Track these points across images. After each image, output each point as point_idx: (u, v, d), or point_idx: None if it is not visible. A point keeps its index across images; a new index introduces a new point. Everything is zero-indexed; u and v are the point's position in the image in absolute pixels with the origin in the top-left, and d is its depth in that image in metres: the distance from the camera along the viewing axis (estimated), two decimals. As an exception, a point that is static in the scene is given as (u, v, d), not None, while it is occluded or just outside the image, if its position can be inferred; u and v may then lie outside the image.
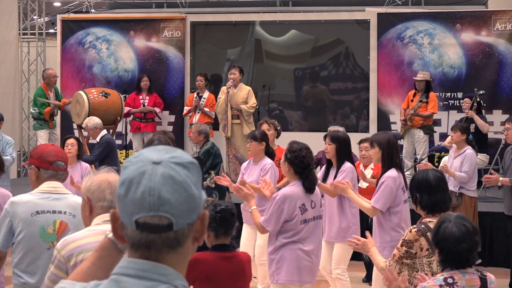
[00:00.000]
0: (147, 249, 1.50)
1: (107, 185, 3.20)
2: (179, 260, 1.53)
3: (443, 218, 3.47)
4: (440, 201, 4.16)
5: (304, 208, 5.12)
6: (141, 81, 11.82)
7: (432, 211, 4.16)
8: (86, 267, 1.96)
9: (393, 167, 5.63)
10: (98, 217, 3.18)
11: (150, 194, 1.47)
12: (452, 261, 3.38)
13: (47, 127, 11.33)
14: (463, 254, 3.35)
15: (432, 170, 4.35)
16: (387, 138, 5.70)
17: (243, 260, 4.16)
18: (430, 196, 4.15)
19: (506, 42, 11.29)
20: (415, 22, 11.64)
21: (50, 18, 14.75)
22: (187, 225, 1.51)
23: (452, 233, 3.35)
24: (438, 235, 3.41)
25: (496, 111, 11.23)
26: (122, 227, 1.54)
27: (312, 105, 12.23)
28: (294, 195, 5.11)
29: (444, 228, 3.39)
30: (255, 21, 12.39)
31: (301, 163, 5.13)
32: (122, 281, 1.50)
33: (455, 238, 3.34)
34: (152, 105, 11.79)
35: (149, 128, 11.81)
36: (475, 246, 3.39)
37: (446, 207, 4.20)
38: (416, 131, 10.55)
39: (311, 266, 5.23)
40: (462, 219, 3.44)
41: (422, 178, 4.22)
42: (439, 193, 4.16)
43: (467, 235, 3.35)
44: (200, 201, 1.54)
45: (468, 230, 3.37)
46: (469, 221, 3.45)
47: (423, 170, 4.36)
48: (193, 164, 1.53)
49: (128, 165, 1.52)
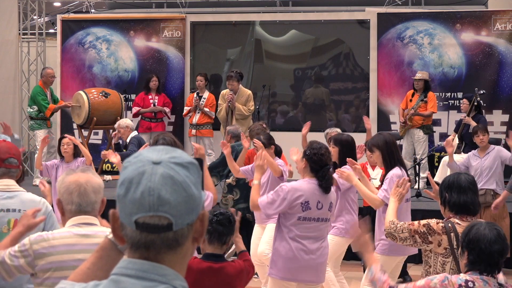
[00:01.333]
0: (147, 249, 1.50)
1: (75, 187, 3.19)
2: (178, 260, 1.53)
3: (474, 222, 3.50)
4: (469, 202, 4.10)
5: (307, 206, 5.09)
6: (150, 81, 11.81)
7: (460, 212, 4.11)
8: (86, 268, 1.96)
9: (396, 165, 5.64)
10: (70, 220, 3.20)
11: (150, 194, 1.47)
12: (482, 262, 3.36)
13: (45, 126, 11.32)
14: (494, 255, 3.35)
15: (464, 173, 4.31)
16: (383, 139, 5.72)
17: (230, 273, 4.01)
18: (459, 196, 4.11)
19: (506, 42, 11.29)
20: (415, 22, 11.64)
21: (50, 18, 14.74)
22: (187, 225, 1.51)
23: (485, 234, 3.36)
24: (469, 236, 3.40)
25: (496, 111, 11.23)
26: (121, 228, 1.54)
27: (312, 105, 12.23)
28: (301, 189, 5.09)
29: (477, 230, 3.40)
30: (255, 21, 12.39)
31: (319, 161, 5.12)
32: (121, 281, 1.50)
33: (488, 239, 3.35)
34: (161, 105, 11.80)
35: (159, 128, 11.81)
36: (506, 250, 3.39)
37: (474, 210, 4.15)
38: (416, 131, 10.55)
39: (313, 266, 5.19)
40: (493, 224, 3.47)
41: (454, 179, 4.19)
42: (469, 194, 4.11)
43: (499, 238, 3.37)
44: (200, 202, 1.54)
45: (499, 233, 3.40)
46: (499, 227, 3.48)
47: (455, 173, 4.33)
48: (192, 164, 1.53)
49: (127, 165, 1.52)
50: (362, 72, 11.99)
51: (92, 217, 3.23)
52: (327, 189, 5.15)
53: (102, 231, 3.20)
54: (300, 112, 12.29)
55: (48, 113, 11.20)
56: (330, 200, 5.23)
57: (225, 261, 4.06)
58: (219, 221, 3.97)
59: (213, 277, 3.95)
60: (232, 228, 4.05)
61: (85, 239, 3.17)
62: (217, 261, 3.99)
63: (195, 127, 11.29)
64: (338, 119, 12.04)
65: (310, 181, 5.14)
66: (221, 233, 3.97)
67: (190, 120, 11.44)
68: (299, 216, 5.11)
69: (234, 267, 4.07)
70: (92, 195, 3.21)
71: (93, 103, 10.92)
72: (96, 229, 3.21)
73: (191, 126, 11.42)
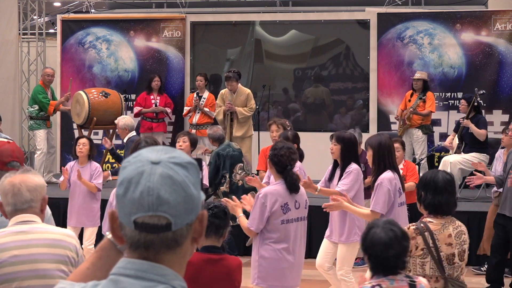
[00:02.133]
0: (146, 249, 1.50)
1: (9, 188, 3.27)
2: (177, 260, 1.53)
3: (371, 224, 3.43)
4: (444, 203, 4.11)
5: (287, 208, 5.07)
6: (152, 81, 11.80)
7: (434, 212, 4.12)
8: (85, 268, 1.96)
9: (387, 168, 5.60)
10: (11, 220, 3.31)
11: (149, 194, 1.47)
12: (381, 267, 3.33)
13: (45, 126, 11.32)
14: (390, 260, 3.30)
15: (442, 171, 4.29)
16: (378, 140, 5.68)
17: (231, 265, 4.03)
18: (434, 196, 4.10)
19: (506, 42, 11.29)
20: (415, 22, 11.64)
21: (50, 18, 14.74)
22: (186, 225, 1.51)
23: (380, 238, 3.31)
24: (366, 241, 3.36)
25: (496, 111, 11.23)
26: (120, 227, 1.54)
27: (312, 105, 12.23)
28: (276, 193, 5.07)
29: (372, 234, 3.34)
30: (255, 21, 12.39)
31: (279, 162, 5.10)
32: (120, 281, 1.50)
33: (383, 243, 3.29)
34: (163, 105, 11.79)
35: (160, 128, 11.81)
36: (403, 252, 3.34)
37: (449, 210, 4.15)
38: (415, 131, 10.55)
39: (294, 268, 5.17)
40: (391, 224, 3.40)
41: (430, 178, 4.17)
42: (444, 195, 4.11)
43: (395, 241, 3.30)
44: (199, 202, 1.54)
45: (396, 235, 3.33)
46: (398, 226, 3.41)
47: (433, 170, 4.32)
48: (192, 164, 1.53)
49: (126, 165, 1.52)
50: (362, 72, 11.99)
51: (31, 215, 3.31)
52: (292, 189, 5.11)
53: (39, 227, 3.30)
54: (300, 112, 12.28)
55: (51, 109, 11.19)
56: (305, 197, 5.23)
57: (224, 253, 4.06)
58: (214, 214, 3.95)
59: (213, 267, 3.94)
60: (228, 220, 4.05)
61: (21, 236, 3.26)
62: (217, 253, 4.00)
63: (195, 127, 11.28)
64: (338, 119, 12.04)
65: (282, 182, 5.12)
66: (217, 226, 3.96)
67: (190, 120, 11.44)
68: (282, 220, 5.08)
69: (234, 260, 4.09)
70: (26, 194, 3.29)
71: (93, 103, 10.92)
72: (34, 226, 3.30)
73: (191, 126, 11.42)
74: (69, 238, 3.42)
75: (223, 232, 4.01)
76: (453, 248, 4.09)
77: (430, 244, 4.03)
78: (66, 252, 3.36)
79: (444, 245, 4.08)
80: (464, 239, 4.17)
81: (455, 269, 4.11)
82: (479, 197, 9.77)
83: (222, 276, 3.97)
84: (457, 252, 4.11)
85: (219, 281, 3.95)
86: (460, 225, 4.20)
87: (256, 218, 5.07)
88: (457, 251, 4.11)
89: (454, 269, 4.11)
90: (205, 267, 3.91)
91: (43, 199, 3.37)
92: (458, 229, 4.15)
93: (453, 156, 9.75)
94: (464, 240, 4.16)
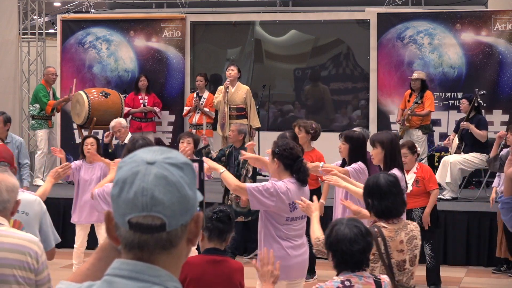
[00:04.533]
0: (140, 249, 1.50)
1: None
2: (172, 261, 1.53)
3: (334, 222, 3.47)
4: (391, 206, 4.06)
5: (294, 206, 5.01)
6: (139, 81, 11.82)
7: (384, 216, 4.08)
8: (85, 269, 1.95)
9: (396, 167, 5.60)
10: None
11: (143, 194, 1.46)
12: (346, 263, 3.36)
13: (46, 126, 11.32)
14: (355, 255, 3.34)
15: (383, 174, 4.26)
16: (389, 138, 5.65)
17: (233, 267, 4.02)
18: (380, 201, 4.06)
19: (506, 42, 11.28)
20: (415, 22, 11.63)
21: (50, 18, 14.74)
22: (181, 226, 1.50)
23: (345, 234, 3.34)
24: (330, 238, 3.39)
25: (496, 111, 11.22)
26: (116, 228, 1.54)
27: (313, 105, 12.23)
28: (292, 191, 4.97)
29: (337, 230, 3.37)
30: (255, 21, 12.39)
31: (291, 155, 5.00)
32: (115, 282, 1.50)
33: (348, 239, 3.32)
34: (151, 104, 11.80)
35: (149, 128, 11.84)
36: (368, 247, 3.38)
37: (398, 212, 4.11)
38: (415, 131, 10.56)
39: (300, 262, 5.17)
40: (355, 221, 3.44)
41: (373, 183, 4.12)
42: (390, 198, 4.06)
43: (359, 236, 3.34)
44: (195, 202, 1.53)
45: (360, 231, 3.36)
46: (361, 223, 3.44)
47: (374, 175, 4.27)
48: (187, 165, 1.53)
49: (122, 166, 1.52)
50: (362, 72, 11.98)
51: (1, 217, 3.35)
52: (304, 181, 5.05)
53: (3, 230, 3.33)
54: (300, 112, 12.28)
55: (49, 109, 11.19)
56: (307, 195, 5.15)
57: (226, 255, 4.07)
58: (219, 218, 3.95)
59: (215, 268, 3.95)
60: (232, 225, 4.04)
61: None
62: (220, 255, 4.00)
63: (195, 127, 11.28)
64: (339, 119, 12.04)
65: (291, 180, 5.03)
66: (221, 230, 3.96)
67: (190, 120, 11.44)
68: (286, 217, 5.04)
69: (236, 263, 4.10)
70: (5, 193, 3.32)
71: (93, 103, 10.92)
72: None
73: (191, 126, 11.42)
74: (30, 244, 3.41)
75: (226, 237, 4.01)
76: (405, 254, 4.05)
77: (382, 250, 4.00)
78: (25, 257, 3.35)
79: (396, 251, 4.04)
80: (416, 244, 4.11)
81: (405, 274, 4.08)
82: (479, 197, 9.76)
83: (224, 278, 3.97)
84: (408, 258, 4.07)
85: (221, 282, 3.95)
86: (412, 229, 4.14)
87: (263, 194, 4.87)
88: (408, 257, 4.07)
89: (404, 274, 4.07)
90: (208, 268, 3.92)
91: (16, 202, 3.37)
92: (410, 234, 4.10)
93: (453, 156, 9.75)
94: (416, 245, 4.11)
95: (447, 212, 8.81)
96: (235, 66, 10.55)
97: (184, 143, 7.53)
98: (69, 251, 7.97)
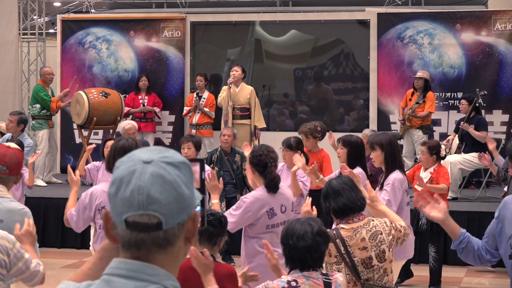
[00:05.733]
0: (137, 248, 1.51)
1: None
2: (170, 260, 1.53)
3: (294, 219, 3.52)
4: (347, 202, 4.04)
5: (272, 213, 4.95)
6: (139, 81, 11.83)
7: (345, 214, 4.06)
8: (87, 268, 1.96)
9: (397, 168, 5.59)
10: None
11: (139, 193, 1.47)
12: (292, 259, 3.38)
13: (47, 126, 11.31)
14: (301, 252, 3.34)
15: (336, 178, 4.25)
16: (388, 139, 5.65)
17: (220, 274, 3.86)
18: (336, 200, 4.04)
19: (506, 42, 11.28)
20: (415, 22, 11.63)
21: (50, 18, 14.75)
22: (177, 224, 1.51)
23: (294, 230, 3.38)
24: (284, 231, 3.45)
25: (496, 111, 11.22)
26: (113, 227, 1.55)
27: (314, 105, 12.23)
28: (261, 198, 4.94)
29: (290, 225, 3.44)
30: (255, 21, 12.39)
31: (259, 162, 4.97)
32: (113, 281, 1.50)
33: (296, 235, 3.35)
34: (151, 104, 11.81)
35: (149, 128, 11.83)
36: (316, 247, 3.36)
37: (356, 207, 4.07)
38: (415, 131, 10.57)
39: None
40: (312, 220, 3.46)
41: (327, 187, 4.13)
42: (344, 194, 4.04)
43: (309, 234, 3.34)
44: (191, 201, 1.54)
45: (312, 229, 3.37)
46: (319, 223, 3.44)
47: (326, 182, 4.25)
48: (184, 164, 1.53)
49: (119, 165, 1.53)
50: (362, 72, 11.98)
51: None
52: (274, 188, 4.98)
53: None
54: (302, 112, 12.28)
55: (53, 106, 11.15)
56: (291, 200, 5.10)
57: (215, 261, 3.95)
58: (209, 222, 3.89)
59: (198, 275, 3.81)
60: (224, 229, 4.00)
61: None
62: None
63: (195, 127, 11.28)
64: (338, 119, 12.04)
65: (261, 188, 5.00)
66: (211, 233, 3.91)
67: (190, 120, 11.44)
68: (267, 225, 4.96)
69: (225, 268, 3.99)
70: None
71: (93, 103, 10.91)
72: None
73: (191, 126, 11.42)
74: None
75: (217, 241, 3.96)
76: (369, 251, 4.01)
77: (342, 250, 3.98)
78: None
79: (358, 250, 4.01)
80: (381, 239, 4.05)
81: (375, 271, 4.04)
82: (479, 197, 9.76)
83: None
84: (375, 255, 4.03)
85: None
86: (375, 225, 4.09)
87: (236, 221, 4.87)
88: (374, 254, 4.02)
89: (374, 271, 4.03)
90: (191, 274, 3.79)
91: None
92: (372, 231, 4.05)
93: (453, 156, 9.76)
94: (381, 240, 4.05)
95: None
96: (239, 67, 10.55)
97: (184, 149, 7.46)
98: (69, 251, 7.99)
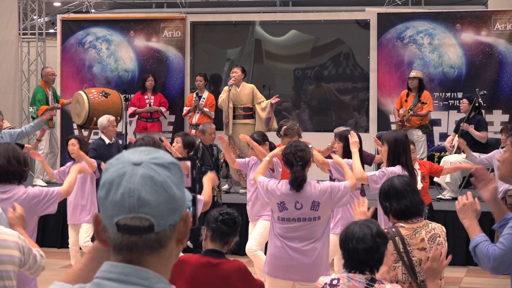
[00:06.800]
0: (129, 251, 1.49)
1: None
2: (162, 262, 1.52)
3: (352, 222, 3.53)
4: (409, 206, 4.06)
5: (283, 207, 5.08)
6: (146, 80, 11.80)
7: (404, 217, 4.07)
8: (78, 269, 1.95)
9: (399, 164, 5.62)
10: None
11: (130, 195, 1.46)
12: (352, 260, 3.39)
13: (47, 127, 11.28)
14: (361, 254, 3.35)
15: (397, 176, 4.27)
16: (394, 137, 5.75)
17: (229, 269, 3.97)
18: (398, 202, 4.06)
19: (506, 42, 11.27)
20: (415, 22, 11.62)
21: (50, 18, 14.75)
22: (169, 226, 1.50)
23: (354, 233, 3.39)
24: (342, 234, 3.45)
25: (496, 111, 11.21)
26: (104, 230, 1.53)
27: (315, 105, 12.22)
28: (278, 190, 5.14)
29: (348, 228, 3.45)
30: (255, 21, 12.38)
31: (287, 161, 5.13)
32: (104, 285, 1.49)
33: (356, 237, 3.37)
34: (157, 104, 11.80)
35: (155, 128, 11.81)
36: (376, 248, 3.38)
37: (417, 211, 4.10)
38: (414, 131, 10.57)
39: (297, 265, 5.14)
40: (370, 222, 3.48)
41: (388, 186, 4.14)
42: (407, 197, 4.06)
43: (368, 236, 3.36)
44: (183, 202, 1.52)
45: (370, 231, 3.39)
46: (376, 225, 3.46)
47: (389, 179, 4.26)
48: (174, 164, 1.52)
49: (109, 167, 1.51)
50: (362, 72, 11.97)
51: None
52: (297, 186, 5.09)
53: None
54: (301, 112, 12.27)
55: (39, 113, 11.07)
56: (312, 199, 5.12)
57: (224, 257, 4.02)
58: (224, 221, 3.95)
59: (208, 272, 3.91)
60: (237, 229, 4.03)
61: None
62: (217, 257, 3.97)
63: (194, 127, 11.27)
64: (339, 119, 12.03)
65: (286, 181, 5.15)
66: (224, 232, 3.95)
67: (189, 120, 11.43)
68: (278, 216, 5.15)
69: (233, 264, 4.03)
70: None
71: (93, 103, 10.91)
72: None
73: (190, 126, 11.41)
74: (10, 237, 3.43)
75: (229, 240, 4.00)
76: (427, 252, 4.02)
77: (401, 249, 3.99)
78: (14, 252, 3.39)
79: (417, 250, 4.02)
80: (439, 242, 4.09)
81: None
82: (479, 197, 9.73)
83: (218, 281, 3.92)
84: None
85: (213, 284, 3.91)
86: (434, 227, 4.12)
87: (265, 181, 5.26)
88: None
89: None
90: (201, 271, 3.88)
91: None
92: (431, 233, 4.08)
93: (453, 156, 9.75)
94: (439, 243, 4.09)
95: (447, 212, 8.80)
96: (239, 67, 10.54)
97: (173, 143, 7.65)
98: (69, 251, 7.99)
